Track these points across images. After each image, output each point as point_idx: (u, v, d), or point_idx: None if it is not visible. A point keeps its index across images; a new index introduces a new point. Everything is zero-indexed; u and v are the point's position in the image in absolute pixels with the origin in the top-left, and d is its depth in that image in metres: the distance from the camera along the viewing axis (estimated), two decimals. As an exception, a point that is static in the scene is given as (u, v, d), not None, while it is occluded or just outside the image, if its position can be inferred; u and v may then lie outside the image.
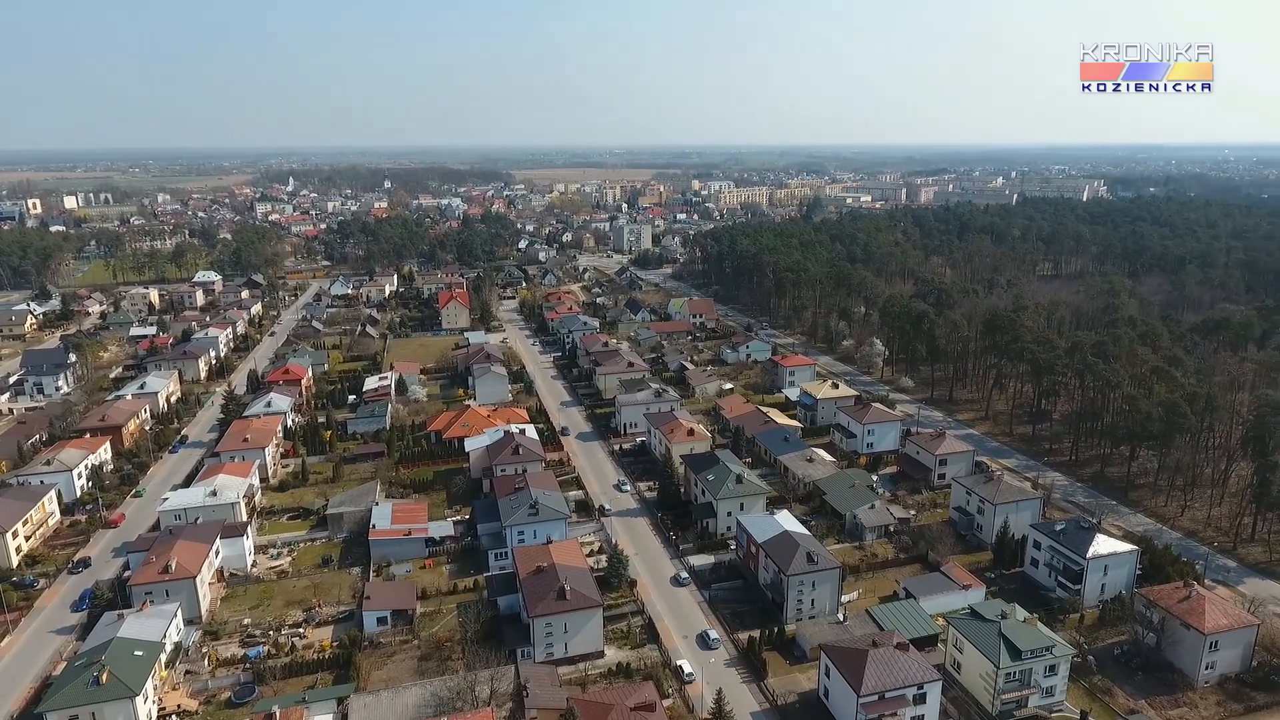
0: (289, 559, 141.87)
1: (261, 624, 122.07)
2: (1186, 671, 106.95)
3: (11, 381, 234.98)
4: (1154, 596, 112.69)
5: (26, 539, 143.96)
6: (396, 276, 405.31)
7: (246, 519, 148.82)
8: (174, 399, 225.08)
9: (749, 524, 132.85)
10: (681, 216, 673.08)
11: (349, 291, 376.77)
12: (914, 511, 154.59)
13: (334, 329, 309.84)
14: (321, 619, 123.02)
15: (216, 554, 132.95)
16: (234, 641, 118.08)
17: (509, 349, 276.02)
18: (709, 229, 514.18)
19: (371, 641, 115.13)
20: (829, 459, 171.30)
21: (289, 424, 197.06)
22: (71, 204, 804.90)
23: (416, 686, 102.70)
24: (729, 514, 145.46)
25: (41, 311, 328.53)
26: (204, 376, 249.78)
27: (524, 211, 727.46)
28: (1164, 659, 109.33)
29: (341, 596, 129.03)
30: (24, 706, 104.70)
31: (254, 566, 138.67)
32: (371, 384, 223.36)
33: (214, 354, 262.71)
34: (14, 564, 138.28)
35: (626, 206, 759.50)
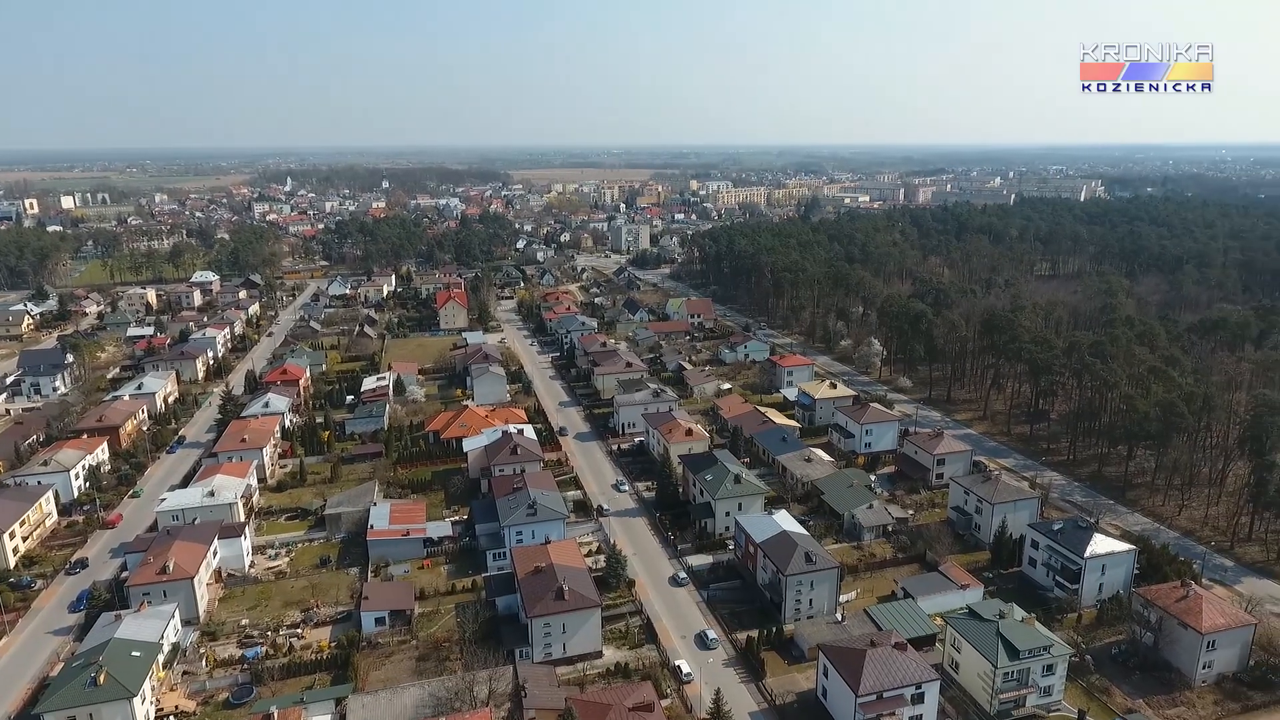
0: (287, 559, 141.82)
1: (259, 624, 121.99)
2: (1184, 671, 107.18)
3: (8, 382, 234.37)
4: (1151, 596, 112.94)
5: (24, 539, 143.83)
6: (394, 277, 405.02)
7: (244, 519, 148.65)
8: (171, 399, 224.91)
9: (747, 524, 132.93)
10: (679, 216, 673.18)
11: (347, 292, 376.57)
12: (912, 511, 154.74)
13: (332, 329, 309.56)
14: (319, 619, 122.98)
15: (214, 554, 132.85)
16: (232, 642, 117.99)
17: (507, 349, 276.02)
18: (707, 229, 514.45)
19: (369, 642, 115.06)
20: (827, 459, 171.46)
21: (287, 424, 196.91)
22: (69, 204, 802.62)
23: (415, 687, 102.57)
24: (727, 514, 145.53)
25: (38, 312, 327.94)
26: (202, 377, 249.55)
27: (522, 212, 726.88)
28: (1161, 658, 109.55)
29: (339, 597, 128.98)
30: (21, 707, 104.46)
31: (252, 567, 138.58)
32: (369, 384, 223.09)
33: (211, 354, 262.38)
34: (11, 565, 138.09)
35: (624, 206, 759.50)
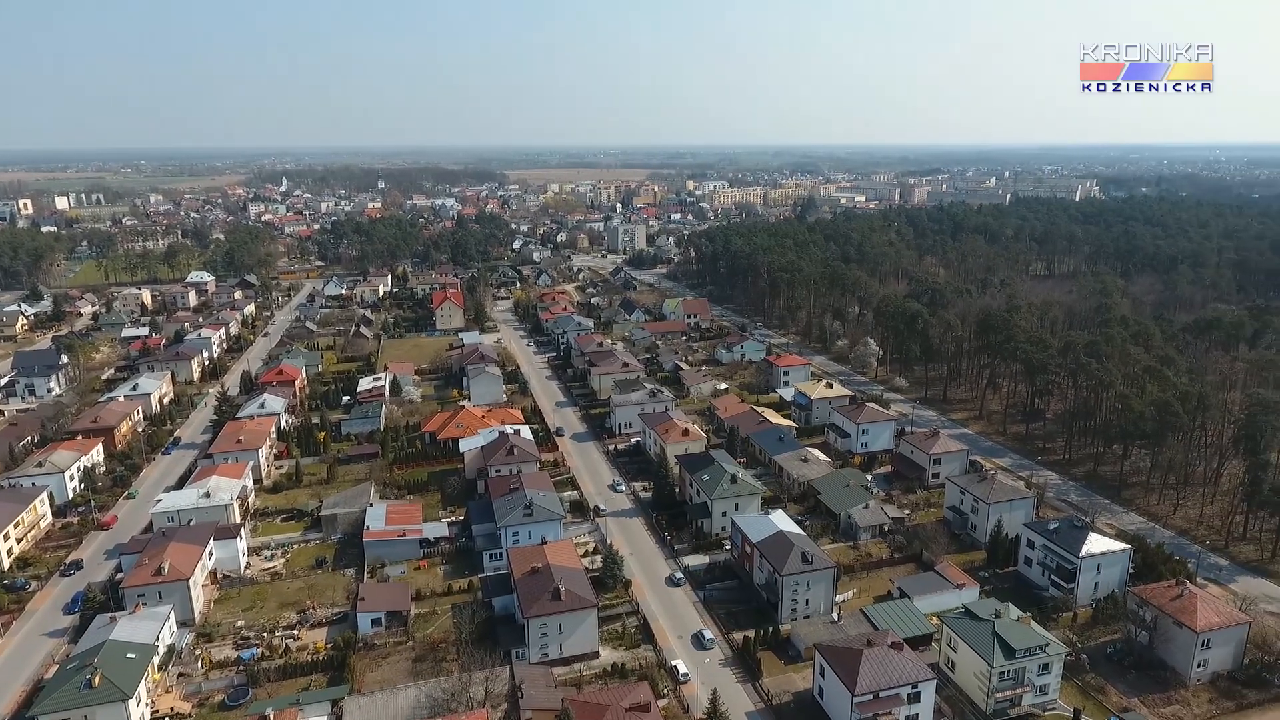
0: (283, 561, 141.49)
1: (255, 626, 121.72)
2: (1179, 669, 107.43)
3: (3, 383, 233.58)
4: (1147, 595, 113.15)
5: (18, 541, 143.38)
6: (390, 277, 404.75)
7: (240, 521, 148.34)
8: (167, 400, 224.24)
9: (744, 524, 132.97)
10: (676, 216, 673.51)
11: (343, 292, 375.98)
12: (908, 511, 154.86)
13: (328, 330, 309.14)
14: (316, 621, 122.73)
15: (210, 556, 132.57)
16: (227, 644, 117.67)
17: (503, 349, 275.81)
18: (703, 229, 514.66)
19: (366, 643, 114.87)
20: (823, 459, 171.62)
21: (283, 425, 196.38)
22: (63, 204, 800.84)
23: (411, 688, 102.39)
24: (724, 514, 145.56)
25: (33, 312, 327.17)
26: (197, 378, 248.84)
27: (518, 212, 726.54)
28: (1156, 657, 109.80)
29: (336, 598, 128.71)
30: (16, 710, 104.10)
31: (247, 568, 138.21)
32: (366, 385, 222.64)
33: (207, 355, 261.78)
34: (5, 566, 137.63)
35: (621, 207, 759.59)
